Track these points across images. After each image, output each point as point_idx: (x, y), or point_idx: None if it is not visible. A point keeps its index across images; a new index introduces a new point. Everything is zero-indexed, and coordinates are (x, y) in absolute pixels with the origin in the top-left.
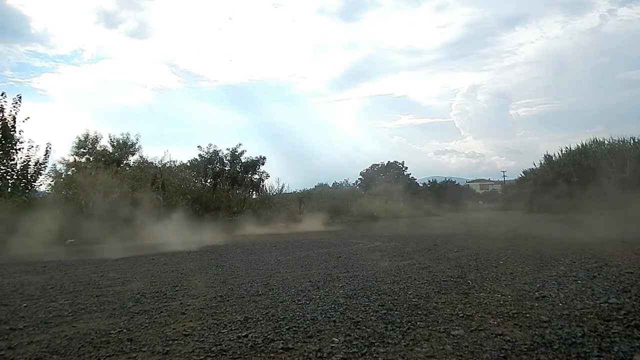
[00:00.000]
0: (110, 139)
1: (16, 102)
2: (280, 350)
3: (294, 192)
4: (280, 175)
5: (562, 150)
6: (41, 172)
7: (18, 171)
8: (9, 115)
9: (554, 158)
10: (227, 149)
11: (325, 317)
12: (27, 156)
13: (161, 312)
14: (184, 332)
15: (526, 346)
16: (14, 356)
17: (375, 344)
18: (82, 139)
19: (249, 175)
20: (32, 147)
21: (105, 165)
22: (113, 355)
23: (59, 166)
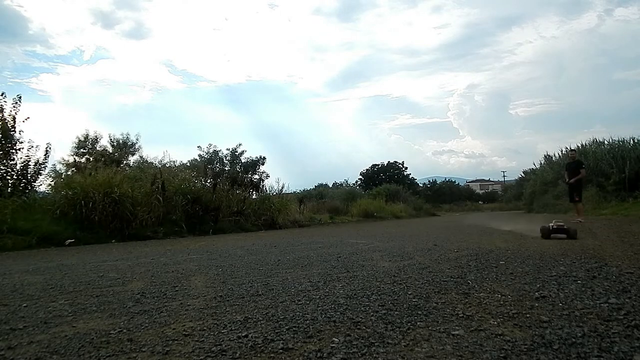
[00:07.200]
0: (110, 139)
1: (16, 102)
2: (280, 351)
3: (294, 192)
4: (279, 176)
5: (562, 151)
6: (41, 172)
7: (18, 171)
8: (9, 115)
9: (554, 158)
10: (227, 149)
11: (325, 317)
12: (27, 156)
13: (161, 312)
14: (184, 332)
15: (526, 346)
16: (14, 356)
17: (375, 344)
18: (82, 139)
19: (249, 175)
20: (32, 147)
21: (105, 165)
22: (113, 355)
23: (58, 166)
